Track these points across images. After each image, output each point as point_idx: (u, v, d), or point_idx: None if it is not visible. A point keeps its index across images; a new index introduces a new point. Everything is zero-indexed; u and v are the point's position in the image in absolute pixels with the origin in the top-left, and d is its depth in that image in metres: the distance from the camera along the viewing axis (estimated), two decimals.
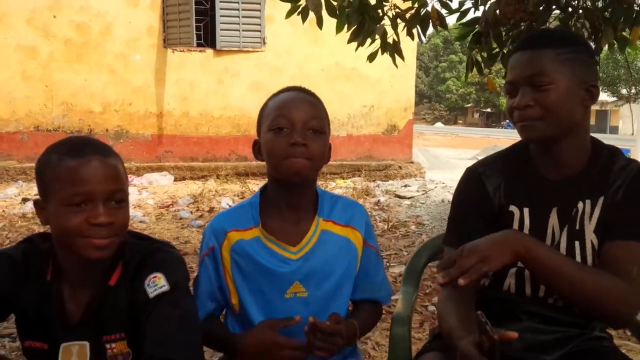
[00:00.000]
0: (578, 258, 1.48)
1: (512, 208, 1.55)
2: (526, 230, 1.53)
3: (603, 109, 47.59)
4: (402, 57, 4.30)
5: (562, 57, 1.45)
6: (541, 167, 1.55)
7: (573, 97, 1.46)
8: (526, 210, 1.54)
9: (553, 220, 1.51)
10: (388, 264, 4.76)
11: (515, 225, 1.54)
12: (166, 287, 1.38)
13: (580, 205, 1.50)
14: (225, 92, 10.62)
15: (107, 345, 1.44)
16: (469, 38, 4.27)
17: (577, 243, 1.49)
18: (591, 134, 1.56)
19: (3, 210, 6.73)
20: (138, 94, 10.20)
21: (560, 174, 1.52)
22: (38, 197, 1.41)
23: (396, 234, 6.02)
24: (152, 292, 1.38)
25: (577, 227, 1.49)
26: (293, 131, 1.48)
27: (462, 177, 1.67)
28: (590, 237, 1.49)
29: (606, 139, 1.88)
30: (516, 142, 1.63)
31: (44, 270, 1.45)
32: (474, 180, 1.61)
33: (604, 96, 42.22)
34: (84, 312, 1.44)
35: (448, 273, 1.32)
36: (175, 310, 1.37)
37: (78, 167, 1.34)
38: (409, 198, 8.51)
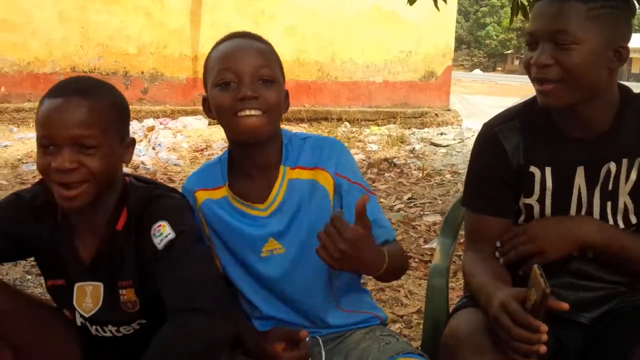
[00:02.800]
0: (610, 219, 1.43)
1: (533, 169, 1.47)
2: (549, 191, 1.45)
3: None
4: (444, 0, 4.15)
5: (593, 13, 1.31)
6: (563, 125, 1.45)
7: (599, 60, 1.33)
8: (548, 170, 1.45)
9: (579, 180, 1.43)
10: (422, 213, 4.72)
11: (537, 187, 1.46)
12: (172, 235, 1.34)
13: (612, 165, 1.41)
14: (261, 35, 10.46)
15: (121, 291, 1.43)
16: None
17: (608, 204, 1.43)
18: (620, 82, 1.44)
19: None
20: (173, 36, 10.13)
21: (585, 132, 1.41)
22: None
23: (431, 183, 5.96)
24: (159, 242, 1.34)
25: (610, 188, 1.42)
26: (241, 84, 1.36)
27: (479, 135, 1.56)
28: (624, 198, 1.42)
29: None
30: (533, 96, 1.49)
31: (53, 212, 1.44)
32: (491, 140, 1.51)
33: None
34: (94, 256, 1.43)
35: (504, 255, 1.33)
36: (189, 259, 1.33)
37: (47, 109, 1.31)
38: (444, 146, 8.39)
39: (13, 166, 6.19)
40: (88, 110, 1.31)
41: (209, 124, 9.66)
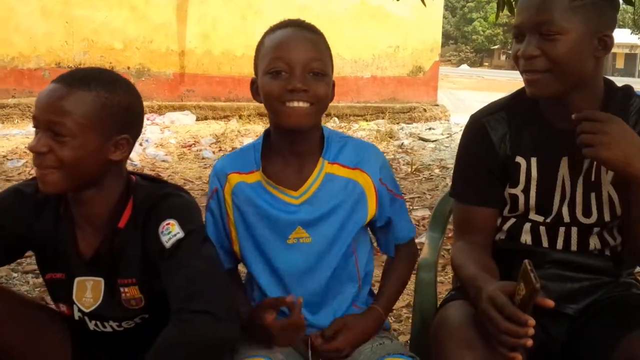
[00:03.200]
0: (594, 210, 1.43)
1: (519, 159, 1.48)
2: (534, 181, 1.46)
3: (633, 52, 46.17)
4: None
5: (576, 3, 1.32)
6: (549, 116, 1.47)
7: (584, 49, 1.35)
8: (533, 160, 1.47)
9: (563, 170, 1.44)
10: (411, 207, 4.72)
11: (522, 177, 1.47)
12: (181, 234, 1.34)
13: None
14: (248, 30, 10.42)
15: (122, 289, 1.42)
16: None
17: (592, 195, 1.43)
18: (606, 77, 1.46)
19: (26, 147, 6.76)
20: (159, 31, 10.06)
21: (570, 122, 1.40)
22: None
23: (419, 177, 5.97)
24: (167, 240, 1.34)
25: (593, 179, 1.43)
26: (292, 76, 1.38)
27: (466, 126, 1.58)
28: (607, 188, 1.43)
29: (635, 83, 1.78)
30: (521, 89, 1.52)
31: (54, 204, 1.44)
32: (479, 131, 1.52)
33: (634, 39, 40.96)
34: (94, 252, 1.42)
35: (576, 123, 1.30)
36: (197, 259, 1.33)
37: (41, 92, 1.34)
38: (433, 141, 8.41)
39: None
40: (65, 100, 1.30)
41: (197, 119, 9.62)
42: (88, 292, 1.44)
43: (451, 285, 1.66)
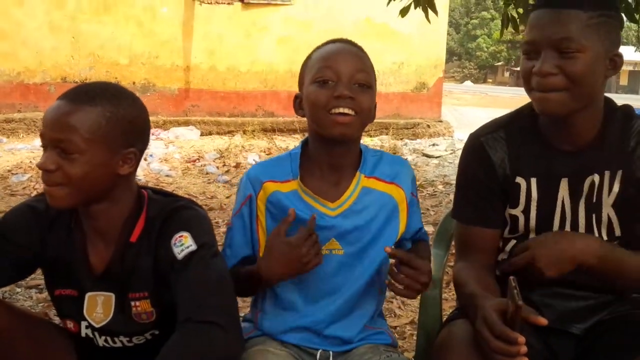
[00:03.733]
0: (595, 232, 1.43)
1: (519, 179, 1.48)
2: (534, 202, 1.46)
3: (636, 69, 46.21)
4: (435, 12, 4.18)
5: (592, 22, 1.31)
6: (550, 136, 1.45)
7: (598, 68, 1.34)
8: (533, 181, 1.46)
9: (563, 191, 1.44)
10: None
11: (522, 198, 1.47)
12: (193, 247, 1.34)
13: (596, 177, 1.41)
14: (253, 46, 10.49)
15: (132, 303, 1.42)
16: None
17: (593, 216, 1.43)
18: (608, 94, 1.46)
19: (31, 161, 6.79)
20: (165, 47, 10.12)
21: (571, 144, 1.42)
22: None
23: (423, 194, 5.96)
24: (179, 252, 1.34)
25: (595, 200, 1.42)
26: (339, 84, 1.41)
27: (465, 146, 1.57)
28: (607, 210, 1.43)
29: (639, 100, 1.80)
30: (520, 108, 1.52)
31: (66, 220, 1.44)
32: (478, 151, 1.52)
33: (638, 56, 40.96)
34: (106, 266, 1.42)
35: (504, 270, 1.33)
36: (208, 271, 1.33)
37: (48, 109, 1.35)
38: (436, 157, 8.41)
39: (2, 177, 6.14)
40: (71, 116, 1.30)
41: (201, 134, 9.64)
42: (99, 307, 1.43)
43: (455, 303, 1.64)
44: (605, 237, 1.44)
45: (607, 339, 1.41)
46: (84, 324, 1.46)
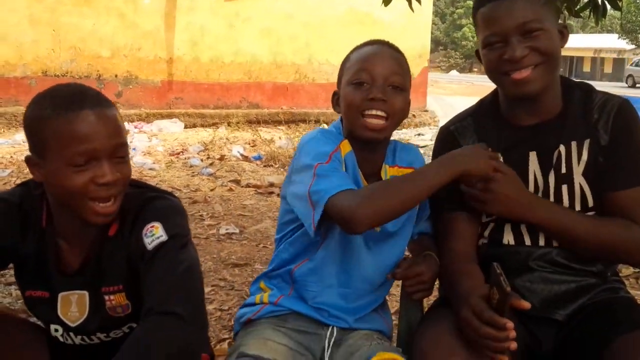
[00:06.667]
0: (565, 202, 1.47)
1: None
2: None
3: (620, 57, 46.57)
4: (418, 1, 4.13)
5: (542, 1, 1.45)
6: (514, 116, 1.54)
7: (556, 40, 1.47)
8: (502, 159, 1.50)
9: (534, 165, 1.49)
10: None
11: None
12: (164, 237, 1.32)
13: (562, 148, 1.48)
14: (236, 37, 10.43)
15: (106, 297, 1.40)
16: None
17: (564, 187, 1.47)
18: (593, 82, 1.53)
19: (11, 157, 6.72)
20: (147, 38, 10.04)
21: (536, 118, 1.51)
22: (30, 153, 1.32)
23: None
24: (149, 242, 1.32)
25: (564, 171, 1.47)
26: (373, 86, 1.47)
27: (437, 137, 1.66)
28: (579, 179, 1.47)
29: (623, 87, 1.82)
30: (482, 99, 1.64)
31: (39, 217, 1.39)
32: (449, 140, 1.60)
33: (622, 43, 41.31)
34: (82, 262, 1.39)
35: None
36: (176, 262, 1.32)
37: (79, 122, 1.24)
38: (422, 147, 8.40)
39: None
40: (118, 120, 1.30)
41: (185, 127, 9.58)
42: (73, 306, 1.41)
43: (437, 292, 1.65)
44: (578, 208, 1.47)
45: (588, 325, 1.42)
46: (53, 327, 1.43)
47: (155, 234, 1.33)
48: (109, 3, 9.77)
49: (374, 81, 1.48)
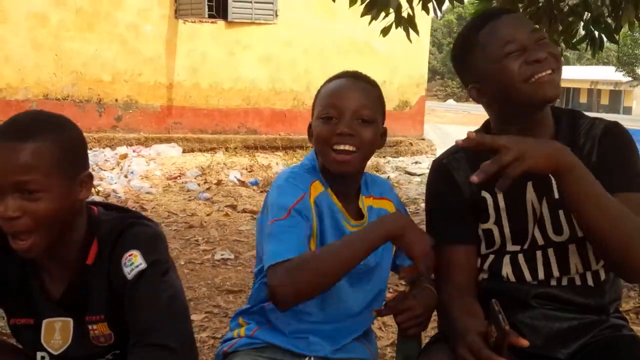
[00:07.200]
0: (565, 227, 1.44)
1: (484, 194, 1.50)
2: (504, 212, 1.48)
3: (617, 89, 46.87)
4: (416, 32, 4.19)
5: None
6: None
7: None
8: (500, 194, 1.47)
9: (530, 195, 1.47)
10: None
11: (491, 210, 1.49)
12: (143, 265, 1.30)
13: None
14: (236, 64, 10.52)
15: (90, 327, 1.38)
16: None
17: (560, 212, 1.44)
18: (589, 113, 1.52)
19: None
20: (148, 64, 10.11)
21: None
22: None
23: None
24: (129, 272, 1.30)
25: (557, 196, 1.44)
26: (340, 121, 1.47)
27: (430, 171, 1.63)
28: None
29: (619, 119, 1.85)
30: (477, 129, 1.59)
31: None
32: (442, 173, 1.56)
33: (618, 76, 41.60)
34: (64, 291, 1.37)
35: (484, 170, 1.24)
36: (157, 291, 1.30)
37: None
38: (419, 175, 8.44)
39: None
40: (26, 154, 1.23)
41: (183, 151, 9.61)
42: (57, 334, 1.39)
43: (436, 326, 1.63)
44: (580, 233, 1.42)
45: None
46: (39, 354, 1.41)
47: (134, 262, 1.31)
48: (112, 29, 9.87)
49: (342, 116, 1.47)
